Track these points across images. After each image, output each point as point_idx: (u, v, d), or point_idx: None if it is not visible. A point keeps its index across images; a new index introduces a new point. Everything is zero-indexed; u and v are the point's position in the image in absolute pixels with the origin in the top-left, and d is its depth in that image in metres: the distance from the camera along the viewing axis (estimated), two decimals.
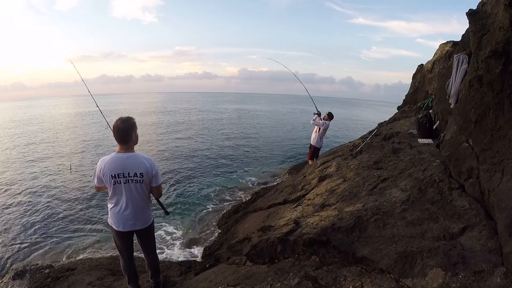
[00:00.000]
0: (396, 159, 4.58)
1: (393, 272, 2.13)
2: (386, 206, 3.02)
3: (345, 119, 35.59)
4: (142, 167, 2.46)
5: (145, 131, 19.20)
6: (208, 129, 22.07)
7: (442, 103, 5.16)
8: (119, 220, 2.53)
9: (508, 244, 2.01)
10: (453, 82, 4.25)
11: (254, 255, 3.07)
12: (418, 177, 3.52)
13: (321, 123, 7.13)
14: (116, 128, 2.40)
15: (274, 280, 2.36)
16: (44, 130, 21.77)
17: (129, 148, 2.48)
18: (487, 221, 2.44)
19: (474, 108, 3.22)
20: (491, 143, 2.96)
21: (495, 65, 2.96)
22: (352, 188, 3.92)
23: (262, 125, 26.27)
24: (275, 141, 18.01)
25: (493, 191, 2.57)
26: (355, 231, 2.73)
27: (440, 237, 2.41)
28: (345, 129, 24.60)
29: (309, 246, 2.75)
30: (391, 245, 2.36)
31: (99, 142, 16.47)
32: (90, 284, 3.45)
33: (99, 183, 2.51)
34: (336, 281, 2.20)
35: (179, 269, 3.93)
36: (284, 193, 5.48)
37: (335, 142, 15.27)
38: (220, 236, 5.49)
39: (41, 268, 4.52)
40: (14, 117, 34.25)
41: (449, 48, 7.70)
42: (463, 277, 1.85)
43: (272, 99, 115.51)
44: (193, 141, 16.86)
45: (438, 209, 2.79)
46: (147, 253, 2.89)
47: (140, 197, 2.53)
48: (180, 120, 28.10)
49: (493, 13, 3.27)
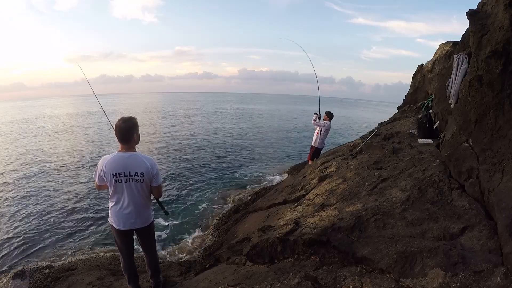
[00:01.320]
0: (396, 159, 4.58)
1: (393, 272, 2.13)
2: (386, 206, 3.02)
3: (345, 119, 35.60)
4: (143, 166, 2.48)
5: (145, 131, 19.19)
6: (208, 129, 22.07)
7: (442, 103, 5.16)
8: (120, 219, 2.55)
9: (508, 244, 2.01)
10: (453, 82, 4.25)
11: (254, 255, 3.07)
12: (418, 177, 3.52)
13: (322, 124, 7.10)
14: (118, 127, 2.43)
15: (274, 280, 2.36)
16: (44, 130, 21.77)
17: (131, 148, 2.50)
18: (487, 221, 2.44)
19: (474, 108, 3.22)
20: (491, 143, 2.96)
21: (495, 65, 2.96)
22: (352, 188, 3.92)
23: (262, 125, 26.27)
24: (275, 141, 18.01)
25: (493, 191, 2.57)
26: (355, 231, 2.73)
27: (440, 237, 2.41)
28: (345, 129, 24.61)
29: (309, 246, 2.75)
30: (391, 245, 2.36)
31: (101, 142, 16.48)
32: (90, 284, 3.45)
33: (100, 181, 2.53)
34: (336, 281, 2.20)
35: (179, 269, 3.94)
36: (284, 193, 5.48)
37: (335, 142, 15.27)
38: (220, 236, 5.49)
39: (41, 268, 4.53)
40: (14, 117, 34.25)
41: (449, 48, 7.70)
42: (463, 277, 1.85)
43: (272, 99, 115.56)
44: (193, 141, 16.85)
45: (438, 209, 2.79)
46: (147, 252, 2.90)
47: (141, 196, 2.55)
48: (180, 120, 28.10)
49: (493, 13, 3.27)
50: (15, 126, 24.83)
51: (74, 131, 21.00)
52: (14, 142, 16.58)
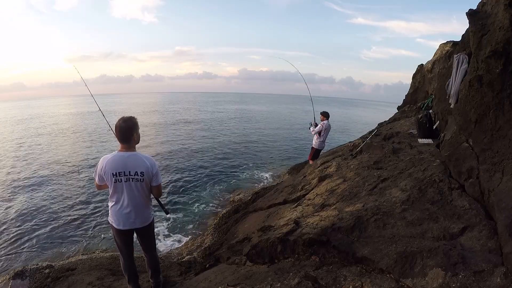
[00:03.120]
0: (396, 159, 4.58)
1: (393, 272, 2.12)
2: (386, 206, 3.02)
3: (346, 119, 35.58)
4: (143, 166, 2.49)
5: (145, 131, 19.20)
6: (208, 130, 22.08)
7: (442, 103, 5.16)
8: (119, 218, 2.55)
9: (508, 244, 2.01)
10: (453, 82, 4.25)
11: (254, 255, 3.07)
12: (418, 177, 3.52)
13: (320, 127, 7.13)
14: (118, 127, 2.44)
15: (274, 280, 2.36)
16: (44, 129, 21.77)
17: (131, 147, 2.51)
18: (487, 221, 2.44)
19: (474, 108, 3.22)
20: (491, 143, 2.95)
21: (495, 65, 2.96)
22: (352, 188, 3.92)
23: (262, 125, 26.28)
24: (275, 141, 18.02)
25: (493, 191, 2.57)
26: (355, 231, 2.73)
27: (440, 237, 2.41)
28: (345, 129, 24.61)
29: (309, 246, 2.75)
30: (391, 245, 2.36)
31: (101, 142, 16.47)
32: (90, 284, 3.45)
33: (100, 181, 2.54)
34: (336, 281, 2.20)
35: (179, 269, 3.94)
36: (284, 193, 5.48)
37: (335, 142, 15.26)
38: (220, 236, 5.49)
39: (41, 268, 4.52)
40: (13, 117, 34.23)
41: (449, 48, 7.69)
42: (463, 277, 1.85)
43: (272, 99, 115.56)
44: (193, 141, 16.86)
45: (438, 209, 2.79)
46: (146, 252, 2.91)
47: (141, 196, 2.56)
48: (180, 120, 28.11)
49: (493, 13, 3.27)
50: (15, 126, 24.83)
51: (74, 131, 21.00)
52: (14, 142, 16.58)
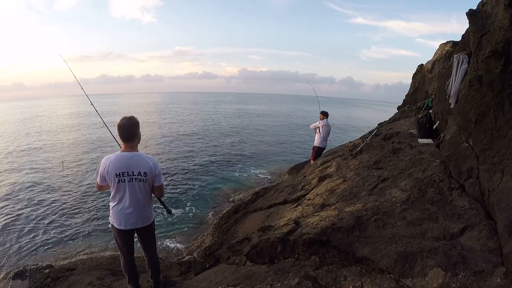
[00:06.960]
0: (396, 159, 4.58)
1: (393, 272, 2.13)
2: (386, 206, 3.02)
3: (346, 119, 35.59)
4: (146, 166, 2.51)
5: (145, 131, 19.20)
6: (208, 130, 22.07)
7: (442, 103, 5.16)
8: (121, 218, 2.56)
9: (508, 244, 2.01)
10: (453, 82, 4.25)
11: (254, 255, 3.07)
12: (418, 177, 3.52)
13: (318, 123, 7.30)
14: (120, 126, 2.46)
15: (274, 280, 2.37)
16: (44, 129, 21.77)
17: (134, 147, 2.54)
18: (487, 221, 2.44)
19: (474, 108, 3.22)
20: (491, 143, 2.96)
21: (495, 65, 2.96)
22: (352, 188, 3.92)
23: (262, 125, 26.25)
24: (275, 141, 18.01)
25: (493, 191, 2.57)
26: (355, 231, 2.73)
27: (440, 237, 2.41)
28: (345, 129, 24.60)
29: (309, 246, 2.75)
30: (391, 245, 2.36)
31: (100, 142, 16.47)
32: (90, 284, 3.45)
33: (102, 181, 2.54)
34: (336, 281, 2.20)
35: (179, 269, 3.94)
36: (284, 193, 5.48)
37: (335, 142, 15.27)
38: (220, 236, 5.49)
39: (41, 268, 4.53)
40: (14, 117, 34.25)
41: (449, 48, 7.70)
42: (463, 277, 1.85)
43: (272, 99, 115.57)
44: (193, 141, 16.86)
45: (438, 209, 2.79)
46: (147, 252, 2.91)
47: (143, 196, 2.57)
48: (180, 120, 28.11)
49: (493, 13, 3.28)
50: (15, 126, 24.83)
51: (74, 131, 21.01)
52: (14, 142, 16.58)
